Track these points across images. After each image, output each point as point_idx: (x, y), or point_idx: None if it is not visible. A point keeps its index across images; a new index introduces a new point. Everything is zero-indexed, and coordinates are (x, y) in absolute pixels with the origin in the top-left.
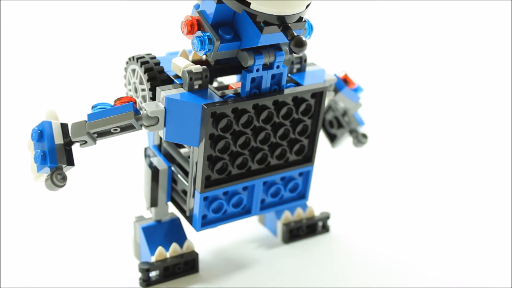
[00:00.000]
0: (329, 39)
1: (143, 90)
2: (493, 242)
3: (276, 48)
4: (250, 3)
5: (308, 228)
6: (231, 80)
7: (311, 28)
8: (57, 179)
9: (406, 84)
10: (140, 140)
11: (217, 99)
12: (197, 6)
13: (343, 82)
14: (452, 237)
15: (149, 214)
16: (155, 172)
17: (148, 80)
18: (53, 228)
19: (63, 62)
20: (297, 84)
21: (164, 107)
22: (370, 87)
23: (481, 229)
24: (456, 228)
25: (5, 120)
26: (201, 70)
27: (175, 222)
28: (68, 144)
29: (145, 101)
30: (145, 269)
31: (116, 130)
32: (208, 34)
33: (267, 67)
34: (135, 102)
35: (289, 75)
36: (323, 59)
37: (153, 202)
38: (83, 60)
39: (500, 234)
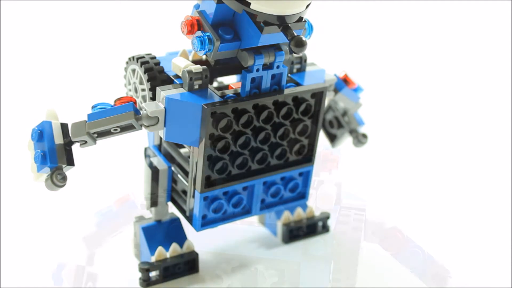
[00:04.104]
0: (329, 39)
1: (143, 90)
2: (493, 242)
3: (276, 48)
4: (250, 3)
5: (308, 228)
6: (231, 80)
7: (311, 28)
8: (57, 179)
9: (406, 84)
10: (140, 140)
11: (217, 99)
12: (197, 6)
13: (343, 82)
14: (452, 237)
15: (149, 214)
16: (155, 172)
17: (148, 80)
18: (53, 228)
19: (63, 62)
20: (297, 84)
21: (164, 107)
22: (370, 87)
23: (481, 229)
24: (456, 228)
25: (5, 120)
26: (201, 70)
27: (175, 222)
28: (68, 144)
29: (145, 101)
30: (145, 269)
31: (116, 130)
32: (208, 34)
33: (267, 67)
34: (135, 102)
35: (289, 75)
36: (323, 59)
37: (153, 202)
38: (83, 60)
39: (500, 234)
